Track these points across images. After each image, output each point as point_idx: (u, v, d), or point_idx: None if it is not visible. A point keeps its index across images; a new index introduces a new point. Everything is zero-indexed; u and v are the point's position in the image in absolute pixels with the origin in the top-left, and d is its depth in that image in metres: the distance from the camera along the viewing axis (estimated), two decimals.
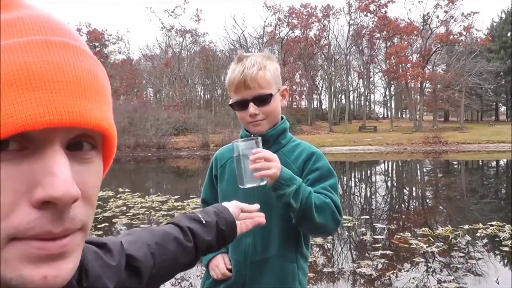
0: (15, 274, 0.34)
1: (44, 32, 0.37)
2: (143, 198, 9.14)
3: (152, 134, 34.40)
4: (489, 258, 4.67)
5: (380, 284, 3.97)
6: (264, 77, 1.32)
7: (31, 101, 0.34)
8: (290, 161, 1.37)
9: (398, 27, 45.88)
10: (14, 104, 0.33)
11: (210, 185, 1.55)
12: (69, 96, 0.35)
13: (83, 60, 0.38)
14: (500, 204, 8.80)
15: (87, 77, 0.38)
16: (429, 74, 45.05)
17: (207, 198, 1.55)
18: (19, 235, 0.33)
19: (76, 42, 0.39)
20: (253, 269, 1.33)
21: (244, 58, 1.36)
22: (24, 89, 0.34)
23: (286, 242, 1.36)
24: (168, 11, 53.71)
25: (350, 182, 13.95)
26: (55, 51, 0.36)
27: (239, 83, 1.32)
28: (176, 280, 4.10)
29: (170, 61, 51.72)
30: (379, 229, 6.13)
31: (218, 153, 1.53)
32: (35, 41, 0.36)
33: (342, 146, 33.21)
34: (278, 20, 50.75)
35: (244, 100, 1.33)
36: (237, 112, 1.39)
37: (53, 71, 0.35)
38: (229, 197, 1.35)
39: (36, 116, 0.33)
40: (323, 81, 56.68)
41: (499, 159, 21.66)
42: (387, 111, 62.39)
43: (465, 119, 50.13)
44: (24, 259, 0.34)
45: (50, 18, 0.39)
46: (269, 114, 1.35)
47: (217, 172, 1.49)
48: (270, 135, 1.37)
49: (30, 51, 0.35)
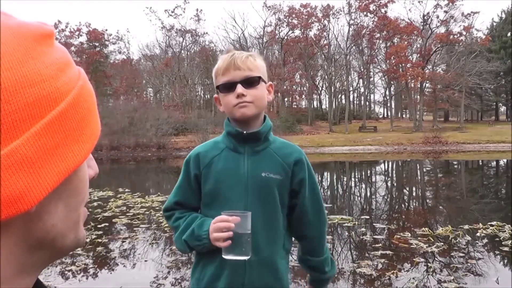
0: (81, 234, 0.42)
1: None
2: (143, 198, 9.14)
3: (152, 134, 34.39)
4: (489, 258, 4.66)
5: (380, 284, 3.97)
6: (254, 63, 1.34)
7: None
8: (280, 158, 1.38)
9: (398, 27, 45.85)
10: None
11: (187, 186, 1.44)
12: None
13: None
14: (500, 204, 8.80)
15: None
16: (429, 74, 45.04)
17: (183, 200, 1.44)
18: (85, 201, 0.42)
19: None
20: (251, 269, 1.34)
21: (232, 51, 1.38)
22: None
23: (277, 240, 1.39)
24: (168, 11, 53.47)
25: (350, 182, 13.94)
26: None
27: (229, 64, 1.32)
28: (176, 280, 4.10)
29: (170, 61, 51.70)
30: (379, 229, 6.13)
31: (201, 151, 1.43)
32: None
33: (342, 146, 33.22)
34: (278, 20, 50.78)
35: (232, 82, 1.32)
36: (222, 96, 1.36)
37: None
38: (216, 197, 1.36)
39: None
40: (323, 81, 56.72)
41: (499, 159, 21.66)
42: (387, 111, 62.41)
43: (465, 119, 50.14)
44: (83, 221, 0.42)
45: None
46: (257, 98, 1.34)
47: (199, 172, 1.40)
48: (262, 132, 1.37)
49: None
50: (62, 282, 4.09)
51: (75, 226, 0.40)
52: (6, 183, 0.31)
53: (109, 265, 4.69)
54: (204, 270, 1.38)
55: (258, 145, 1.38)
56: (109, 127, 33.57)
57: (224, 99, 1.35)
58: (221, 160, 1.38)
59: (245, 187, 1.34)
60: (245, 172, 1.35)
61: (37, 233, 0.35)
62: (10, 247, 0.34)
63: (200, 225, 1.32)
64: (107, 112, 38.59)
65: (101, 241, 5.55)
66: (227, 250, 1.23)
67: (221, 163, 1.38)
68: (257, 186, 1.34)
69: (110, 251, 5.19)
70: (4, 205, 0.31)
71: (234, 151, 1.38)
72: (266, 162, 1.37)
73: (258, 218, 1.32)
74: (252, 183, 1.34)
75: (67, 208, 0.38)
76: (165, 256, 4.90)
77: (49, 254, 0.38)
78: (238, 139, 1.38)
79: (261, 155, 1.38)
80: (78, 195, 0.39)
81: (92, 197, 9.42)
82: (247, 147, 1.38)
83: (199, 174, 1.40)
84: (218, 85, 1.36)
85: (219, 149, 1.41)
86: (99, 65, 52.30)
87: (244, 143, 1.38)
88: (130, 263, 4.71)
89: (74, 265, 4.53)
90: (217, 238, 1.24)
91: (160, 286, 3.95)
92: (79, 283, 4.07)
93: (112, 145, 33.47)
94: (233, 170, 1.36)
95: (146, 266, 4.53)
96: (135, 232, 6.08)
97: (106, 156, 30.37)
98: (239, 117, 1.34)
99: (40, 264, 0.38)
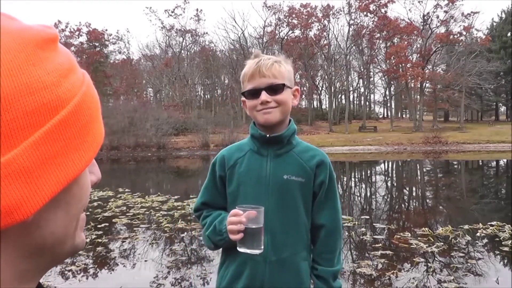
0: (81, 239, 0.42)
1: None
2: (143, 198, 9.14)
3: (152, 134, 34.39)
4: (489, 258, 4.66)
5: (380, 284, 3.97)
6: (279, 69, 1.37)
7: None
8: (303, 161, 1.41)
9: (398, 27, 45.84)
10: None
11: (213, 187, 1.49)
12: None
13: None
14: (500, 204, 8.80)
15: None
16: (429, 74, 45.02)
17: (210, 201, 1.49)
18: (85, 207, 0.42)
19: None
20: (271, 269, 1.35)
21: (259, 55, 1.41)
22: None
23: (298, 241, 1.40)
24: (168, 11, 53.48)
25: (350, 182, 13.94)
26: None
27: (254, 71, 1.36)
28: (176, 280, 4.10)
29: (170, 61, 51.70)
30: (379, 229, 6.13)
31: (226, 153, 1.48)
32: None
33: (342, 146, 33.21)
34: (278, 20, 50.76)
35: (257, 88, 1.36)
36: (248, 101, 1.40)
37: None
38: (241, 198, 1.39)
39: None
40: (323, 81, 56.70)
41: (499, 159, 21.65)
42: (387, 111, 62.40)
43: (465, 119, 50.13)
44: (82, 226, 0.42)
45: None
46: (281, 102, 1.37)
47: (224, 173, 1.45)
48: (285, 136, 1.40)
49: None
50: (62, 282, 4.09)
51: (74, 232, 0.40)
52: (3, 193, 0.30)
53: (109, 265, 4.69)
54: (228, 268, 1.42)
55: (280, 148, 1.41)
56: (109, 127, 33.55)
57: (249, 104, 1.39)
58: (245, 162, 1.42)
59: (266, 188, 1.37)
60: (267, 174, 1.38)
61: (35, 240, 0.35)
62: (8, 255, 0.33)
63: (221, 220, 1.37)
64: (107, 112, 38.54)
65: (101, 241, 5.55)
66: (240, 243, 1.28)
67: (244, 165, 1.42)
68: (278, 188, 1.37)
69: (110, 251, 5.18)
70: (0, 215, 0.30)
71: (258, 154, 1.42)
72: (289, 165, 1.39)
73: (277, 219, 1.35)
74: (273, 185, 1.37)
75: (67, 216, 0.37)
76: (165, 256, 4.90)
77: (48, 261, 0.38)
78: (261, 142, 1.41)
79: (283, 158, 1.41)
80: (78, 203, 0.39)
81: (92, 197, 9.42)
82: (270, 150, 1.41)
83: (224, 176, 1.45)
84: (244, 91, 1.40)
85: (243, 151, 1.45)
86: (99, 65, 52.31)
87: (267, 146, 1.41)
88: (130, 263, 4.71)
89: (74, 265, 4.53)
90: (231, 231, 1.28)
91: (160, 286, 3.95)
92: (79, 283, 4.07)
93: (112, 145, 33.49)
94: (255, 171, 1.40)
95: (146, 266, 4.53)
96: (135, 232, 6.08)
97: (106, 156, 30.37)
98: (263, 123, 1.38)
99: (40, 270, 0.38)
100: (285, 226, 1.37)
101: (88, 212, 7.64)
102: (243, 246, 1.28)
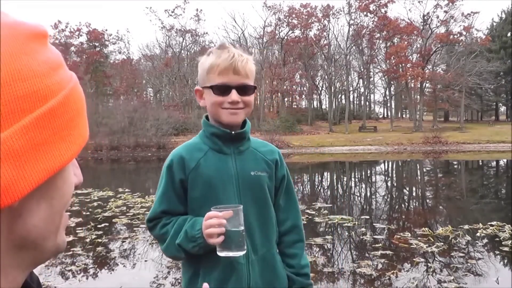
0: (62, 239, 0.42)
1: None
2: (143, 198, 9.14)
3: (152, 134, 34.39)
4: (489, 258, 4.67)
5: (380, 284, 3.97)
6: (251, 69, 1.33)
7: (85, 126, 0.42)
8: (263, 156, 1.41)
9: (398, 27, 45.83)
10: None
11: (172, 192, 1.33)
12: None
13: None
14: (500, 204, 8.80)
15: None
16: (429, 74, 45.02)
17: (169, 208, 1.34)
18: (68, 206, 0.42)
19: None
20: (253, 268, 1.34)
21: (228, 47, 1.33)
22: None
23: (272, 236, 1.41)
24: (168, 11, 53.40)
25: (350, 182, 13.94)
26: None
27: (228, 66, 1.27)
28: (176, 280, 4.10)
29: (170, 61, 51.69)
30: (379, 229, 6.13)
31: (184, 154, 1.34)
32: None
33: (342, 146, 33.21)
34: (278, 20, 50.72)
35: (227, 85, 1.28)
36: (213, 96, 1.30)
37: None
38: (212, 201, 1.28)
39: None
40: (323, 81, 56.67)
41: (499, 159, 21.66)
42: (387, 111, 62.36)
43: (465, 119, 50.10)
44: (64, 227, 0.42)
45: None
46: (249, 104, 1.34)
47: (185, 177, 1.32)
48: (247, 132, 1.39)
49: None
50: (62, 282, 4.09)
51: (56, 230, 0.40)
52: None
53: (109, 265, 4.70)
54: (207, 278, 1.29)
55: (242, 144, 1.38)
56: (109, 127, 33.60)
57: (215, 100, 1.30)
58: (209, 163, 1.33)
59: (237, 188, 1.34)
60: (235, 173, 1.34)
61: (18, 231, 0.35)
62: None
63: (192, 225, 1.26)
64: (107, 112, 38.63)
65: (101, 241, 5.55)
66: (222, 247, 1.18)
67: (209, 166, 1.33)
68: (248, 186, 1.35)
69: (110, 251, 5.19)
70: None
71: (220, 152, 1.35)
72: (252, 161, 1.38)
73: (253, 217, 1.33)
74: (243, 183, 1.34)
75: (50, 210, 0.38)
76: (165, 256, 4.89)
77: (31, 257, 0.38)
78: (224, 139, 1.35)
79: (245, 154, 1.38)
80: (61, 197, 0.39)
81: (92, 197, 9.42)
82: (233, 147, 1.37)
83: (185, 179, 1.32)
84: (212, 85, 1.30)
85: (202, 150, 1.35)
86: (99, 65, 52.32)
87: (230, 143, 1.36)
88: (130, 263, 4.71)
89: (74, 265, 4.54)
90: (210, 235, 1.18)
91: (160, 286, 3.95)
92: (79, 283, 4.07)
93: (112, 145, 33.49)
94: (223, 172, 1.33)
95: (146, 266, 4.53)
96: (135, 232, 6.07)
97: (106, 156, 30.37)
98: (227, 122, 1.32)
99: (23, 269, 0.38)
100: (261, 223, 1.36)
101: (88, 212, 7.65)
102: (224, 249, 1.18)
